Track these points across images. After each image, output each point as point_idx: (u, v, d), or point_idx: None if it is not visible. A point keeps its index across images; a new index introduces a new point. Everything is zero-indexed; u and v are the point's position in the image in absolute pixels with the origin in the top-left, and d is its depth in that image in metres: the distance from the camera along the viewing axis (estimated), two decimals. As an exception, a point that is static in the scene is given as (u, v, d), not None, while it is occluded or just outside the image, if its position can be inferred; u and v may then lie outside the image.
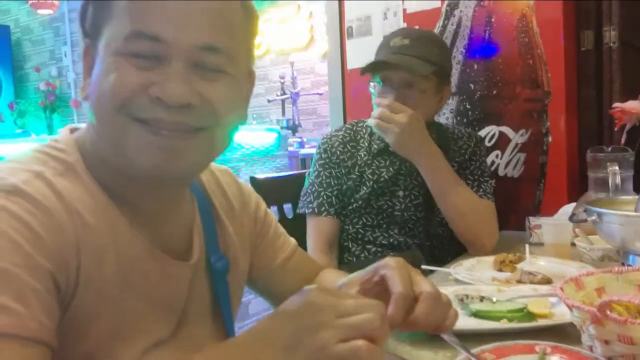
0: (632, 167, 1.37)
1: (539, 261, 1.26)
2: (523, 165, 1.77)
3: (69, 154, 0.70)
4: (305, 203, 1.54)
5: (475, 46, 1.81)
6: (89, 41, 0.70)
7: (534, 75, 1.72)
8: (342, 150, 1.54)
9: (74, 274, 0.64)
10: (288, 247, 1.02)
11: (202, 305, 0.84)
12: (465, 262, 1.30)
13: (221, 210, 0.89)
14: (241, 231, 0.92)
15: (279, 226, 1.03)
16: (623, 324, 0.67)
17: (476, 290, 1.04)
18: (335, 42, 2.13)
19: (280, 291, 1.00)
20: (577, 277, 0.86)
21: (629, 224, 0.98)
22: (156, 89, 0.66)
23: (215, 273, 0.85)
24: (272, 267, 0.99)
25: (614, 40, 1.69)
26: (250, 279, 0.98)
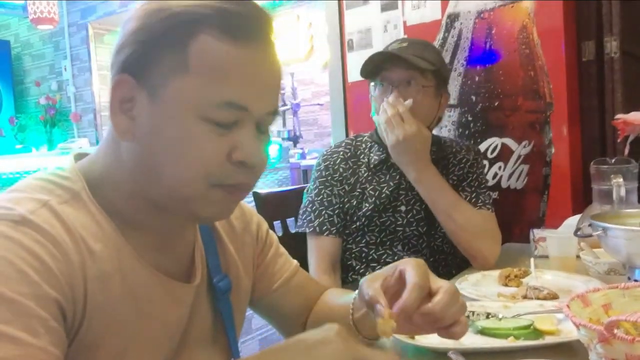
0: (636, 179, 1.36)
1: (544, 275, 1.25)
2: (526, 177, 1.77)
3: (73, 182, 0.70)
4: (306, 222, 1.50)
5: (476, 58, 1.81)
6: (128, 77, 0.67)
7: (536, 86, 1.71)
8: (345, 167, 1.52)
9: (81, 301, 0.64)
10: (289, 267, 1.00)
11: (205, 325, 0.83)
12: (471, 276, 1.29)
13: (222, 230, 0.89)
14: (243, 250, 0.92)
15: (280, 247, 1.02)
16: (631, 342, 0.66)
17: (482, 306, 1.03)
18: (336, 54, 2.13)
19: (282, 313, 1.00)
20: (584, 294, 0.84)
21: (634, 239, 0.97)
22: (239, 154, 0.68)
23: (218, 293, 0.84)
24: (273, 287, 0.97)
25: (615, 51, 1.69)
26: (252, 300, 0.97)
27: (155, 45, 0.66)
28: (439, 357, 0.85)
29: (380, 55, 1.47)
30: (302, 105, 4.80)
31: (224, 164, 0.68)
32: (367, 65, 1.47)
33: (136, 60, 0.67)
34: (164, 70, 0.66)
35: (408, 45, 1.47)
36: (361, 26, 2.05)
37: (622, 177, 1.29)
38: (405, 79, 1.44)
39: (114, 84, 0.68)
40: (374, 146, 1.54)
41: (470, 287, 1.20)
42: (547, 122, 1.71)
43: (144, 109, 0.67)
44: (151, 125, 0.67)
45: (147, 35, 0.66)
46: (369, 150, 1.55)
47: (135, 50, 0.67)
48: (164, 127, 0.67)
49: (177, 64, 0.65)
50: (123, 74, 0.67)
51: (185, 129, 0.66)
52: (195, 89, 0.66)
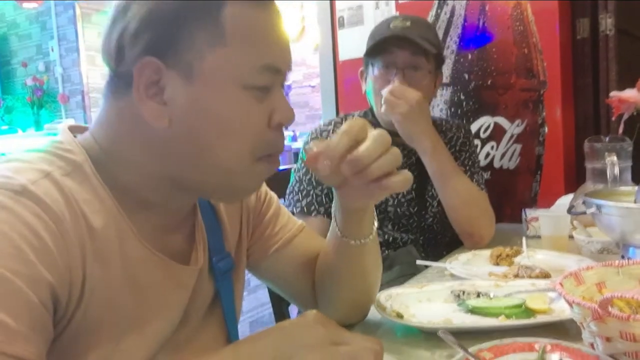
0: (630, 157, 1.34)
1: (536, 254, 1.23)
2: (519, 157, 1.74)
3: (76, 154, 0.67)
4: (293, 202, 1.47)
5: (469, 35, 1.78)
6: (153, 59, 0.64)
7: (529, 64, 1.68)
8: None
9: (79, 283, 0.62)
10: (292, 227, 0.96)
11: (205, 306, 0.81)
12: (461, 256, 1.27)
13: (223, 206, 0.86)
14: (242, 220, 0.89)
15: (281, 208, 0.97)
16: (626, 320, 0.65)
17: (473, 285, 1.01)
18: (327, 32, 2.09)
19: (285, 275, 0.95)
20: (577, 272, 0.83)
21: (629, 216, 0.96)
22: (278, 116, 0.69)
23: (219, 273, 0.82)
24: (273, 249, 0.93)
25: (610, 28, 1.66)
26: (250, 264, 0.93)
27: (182, 22, 0.64)
28: (429, 337, 0.83)
29: (385, 34, 1.41)
30: (293, 87, 4.75)
31: (266, 131, 0.69)
32: (376, 46, 1.42)
33: (161, 42, 0.64)
34: (197, 46, 0.64)
35: (411, 25, 1.42)
36: (352, 3, 2.01)
37: (616, 155, 1.27)
38: (412, 63, 1.41)
39: (138, 69, 0.64)
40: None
41: (460, 267, 1.18)
42: (540, 101, 1.68)
43: (178, 91, 0.65)
44: (191, 106, 0.65)
45: (170, 15, 0.64)
46: None
47: (159, 32, 0.64)
48: (208, 104, 0.65)
49: (212, 37, 0.64)
50: (146, 57, 0.64)
51: (233, 100, 0.66)
52: (235, 58, 0.65)
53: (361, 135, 0.71)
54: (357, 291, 0.92)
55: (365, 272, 0.91)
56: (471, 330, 0.84)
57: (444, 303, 0.96)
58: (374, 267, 0.92)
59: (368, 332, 0.90)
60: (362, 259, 0.89)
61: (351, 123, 0.72)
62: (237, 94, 0.66)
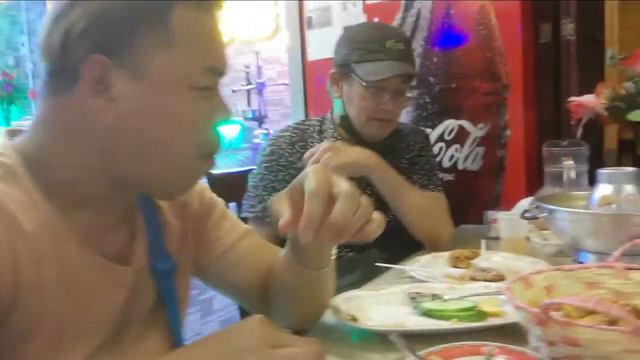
0: (586, 162, 1.38)
1: (494, 256, 1.25)
2: (482, 159, 1.77)
3: (7, 157, 0.67)
4: (248, 207, 1.47)
5: (434, 38, 1.80)
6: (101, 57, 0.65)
7: (493, 68, 1.71)
8: (291, 151, 1.48)
9: (11, 285, 0.61)
10: (237, 232, 0.96)
11: (146, 309, 0.81)
12: (422, 258, 1.29)
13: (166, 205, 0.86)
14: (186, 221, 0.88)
15: (226, 212, 0.97)
16: (567, 325, 0.66)
17: (429, 288, 1.02)
18: (295, 32, 2.09)
19: (233, 282, 0.96)
20: (527, 276, 0.84)
21: (580, 221, 0.98)
22: (220, 114, 0.73)
23: (160, 275, 0.81)
24: (218, 254, 0.93)
25: (571, 33, 1.69)
26: (198, 271, 0.93)
27: (131, 23, 0.66)
28: (382, 339, 0.84)
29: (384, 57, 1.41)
30: (267, 85, 4.72)
31: (208, 130, 0.72)
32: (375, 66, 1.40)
33: (110, 41, 0.66)
34: (146, 47, 0.66)
35: (405, 48, 1.45)
36: (320, 3, 2.01)
37: (572, 160, 1.30)
38: (402, 89, 1.46)
39: (85, 66, 0.65)
40: (326, 132, 1.52)
41: (420, 269, 1.19)
42: (503, 104, 1.71)
43: (125, 89, 0.67)
44: (138, 104, 0.67)
45: (119, 15, 0.65)
46: (319, 134, 1.53)
47: (108, 31, 0.66)
48: (155, 103, 0.68)
49: (160, 39, 0.67)
50: (94, 54, 0.65)
51: (179, 100, 0.68)
52: (182, 60, 0.68)
53: (329, 190, 0.72)
54: (312, 306, 0.94)
55: (321, 293, 0.93)
56: (423, 333, 0.85)
57: (400, 306, 0.98)
58: (331, 286, 0.94)
59: (323, 335, 0.91)
60: (320, 284, 0.90)
61: (316, 183, 0.71)
62: (183, 94, 0.69)
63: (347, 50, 1.46)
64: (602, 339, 0.64)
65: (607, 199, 0.97)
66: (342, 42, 1.50)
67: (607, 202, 0.97)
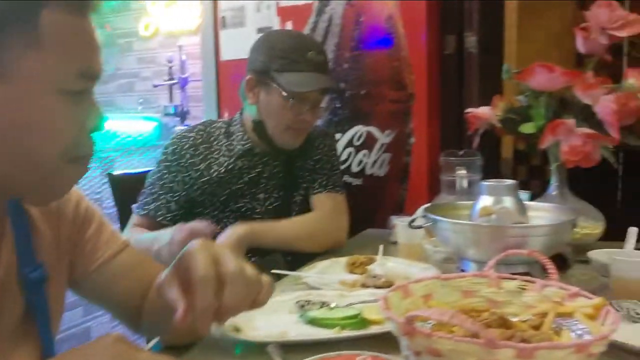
0: (480, 171, 1.44)
1: (389, 262, 1.28)
2: (388, 165, 1.82)
3: None
4: (141, 204, 1.45)
5: (345, 45, 1.82)
6: None
7: (400, 77, 1.76)
8: (193, 153, 1.47)
9: None
10: (114, 245, 0.93)
11: (15, 320, 0.77)
12: (320, 264, 1.30)
13: (37, 213, 0.82)
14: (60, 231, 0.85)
15: (105, 224, 0.94)
16: (429, 337, 0.69)
17: (319, 295, 1.03)
18: (209, 31, 2.06)
19: (109, 296, 0.93)
20: (405, 285, 0.86)
21: (461, 232, 1.02)
22: (92, 120, 0.70)
23: (29, 284, 0.78)
24: (94, 267, 0.90)
25: (474, 46, 1.76)
26: (73, 283, 0.90)
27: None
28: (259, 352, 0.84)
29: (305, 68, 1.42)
30: (190, 80, 4.63)
31: (78, 135, 0.69)
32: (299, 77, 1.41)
33: None
34: (14, 47, 0.64)
35: (324, 59, 1.47)
36: (234, 3, 2.00)
37: (466, 169, 1.35)
38: (319, 100, 1.48)
39: None
40: (235, 135, 1.51)
41: (315, 275, 1.20)
42: (408, 113, 1.76)
43: None
44: (4, 105, 0.65)
45: None
46: (226, 137, 1.51)
47: None
48: (21, 105, 0.65)
49: (29, 40, 0.64)
50: None
51: (46, 104, 0.66)
52: (51, 63, 0.66)
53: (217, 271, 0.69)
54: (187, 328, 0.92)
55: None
56: (302, 343, 0.86)
57: (288, 314, 0.98)
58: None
59: (209, 346, 0.90)
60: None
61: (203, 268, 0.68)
62: (51, 98, 0.67)
63: (266, 57, 1.45)
64: (461, 349, 0.66)
65: (487, 210, 1.02)
66: (260, 49, 1.48)
67: (487, 213, 1.02)
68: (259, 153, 1.51)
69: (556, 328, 0.79)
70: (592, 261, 1.13)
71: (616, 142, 1.28)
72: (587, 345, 0.64)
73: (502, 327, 0.78)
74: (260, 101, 1.47)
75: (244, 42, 1.93)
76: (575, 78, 1.32)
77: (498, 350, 0.64)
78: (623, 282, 0.99)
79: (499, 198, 1.03)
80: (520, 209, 1.02)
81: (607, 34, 1.38)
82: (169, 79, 4.63)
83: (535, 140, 1.34)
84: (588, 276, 1.17)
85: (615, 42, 1.42)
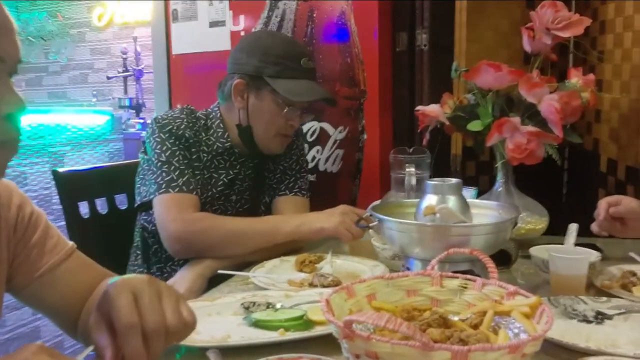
0: (429, 169, 1.45)
1: (338, 260, 1.29)
2: (341, 161, 1.82)
3: None
4: (164, 183, 1.34)
5: (298, 40, 1.81)
6: None
7: (352, 73, 1.76)
8: (190, 134, 1.41)
9: None
10: (62, 250, 0.91)
11: None
12: (269, 262, 1.29)
13: None
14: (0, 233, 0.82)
15: (51, 229, 0.92)
16: (367, 340, 0.69)
17: (264, 296, 1.03)
18: (160, 24, 2.01)
19: (51, 301, 0.91)
20: (349, 285, 0.87)
21: (406, 231, 1.03)
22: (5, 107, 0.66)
23: None
24: (38, 274, 0.88)
25: (425, 43, 1.77)
26: (14, 290, 0.87)
27: None
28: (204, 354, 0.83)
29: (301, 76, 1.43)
30: (145, 72, 4.53)
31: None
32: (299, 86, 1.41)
33: None
34: None
35: (314, 65, 1.48)
36: (186, -4, 1.96)
37: (414, 167, 1.36)
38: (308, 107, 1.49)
39: None
40: (213, 130, 1.47)
41: (263, 275, 1.19)
42: (360, 109, 1.77)
43: None
44: None
45: None
46: (204, 131, 1.47)
47: None
48: None
49: None
50: None
51: None
52: None
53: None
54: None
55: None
56: (243, 346, 0.85)
57: (232, 316, 0.97)
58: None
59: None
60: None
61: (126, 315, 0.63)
62: None
63: (259, 62, 1.41)
64: (398, 352, 0.67)
65: (431, 209, 1.03)
66: (251, 52, 1.43)
67: (432, 212, 1.03)
68: (237, 153, 1.48)
69: (495, 326, 0.80)
70: (533, 257, 1.15)
71: (559, 140, 1.31)
72: (519, 346, 0.65)
73: (442, 327, 0.79)
74: (250, 106, 1.44)
75: (196, 36, 1.90)
76: (521, 77, 1.34)
77: (434, 353, 0.64)
78: (560, 278, 1.02)
79: (443, 197, 1.04)
80: (464, 208, 1.04)
81: (551, 34, 1.40)
82: (123, 71, 4.52)
83: (483, 137, 1.36)
84: (533, 271, 1.20)
85: (560, 42, 1.46)
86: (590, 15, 1.67)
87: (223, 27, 1.89)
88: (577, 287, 1.01)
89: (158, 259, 1.48)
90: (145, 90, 4.58)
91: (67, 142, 2.72)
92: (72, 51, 5.02)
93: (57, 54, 4.97)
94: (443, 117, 1.46)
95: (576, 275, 1.01)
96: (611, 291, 1.02)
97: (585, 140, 1.81)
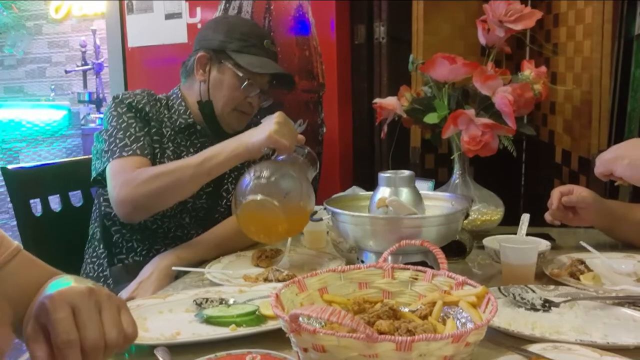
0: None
1: (295, 254, 1.28)
2: (301, 155, 1.81)
3: None
4: (120, 148, 1.33)
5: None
6: None
7: (310, 66, 1.75)
8: (149, 109, 1.42)
9: None
10: (6, 251, 0.87)
11: None
12: (226, 258, 1.27)
13: None
14: None
15: None
16: (314, 333, 0.69)
17: (218, 292, 1.01)
18: (115, 16, 1.97)
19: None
20: (300, 279, 0.86)
21: (360, 224, 1.03)
22: None
23: None
24: None
25: (383, 36, 1.77)
26: None
27: None
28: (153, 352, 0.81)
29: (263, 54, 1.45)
30: (105, 66, 4.43)
31: None
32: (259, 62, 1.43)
33: None
34: None
35: (275, 50, 1.50)
36: (140, -12, 1.91)
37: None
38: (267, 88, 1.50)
39: None
40: (175, 109, 1.48)
41: (218, 271, 1.18)
42: (319, 102, 1.76)
43: None
44: None
45: None
46: (166, 109, 1.47)
47: None
48: None
49: None
50: None
51: None
52: None
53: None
54: None
55: None
56: (193, 343, 0.84)
57: (184, 313, 0.95)
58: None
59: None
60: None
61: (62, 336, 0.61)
62: None
63: (225, 37, 1.45)
64: (343, 345, 0.67)
65: (384, 201, 1.03)
66: (217, 28, 1.47)
67: (384, 205, 1.03)
68: (200, 131, 1.49)
69: (444, 317, 0.81)
70: (486, 248, 1.17)
71: (513, 132, 1.32)
72: (462, 335, 0.66)
73: (392, 318, 0.79)
74: (212, 79, 1.46)
75: (152, 29, 1.86)
76: (475, 69, 1.35)
77: (378, 344, 0.65)
78: (510, 268, 1.03)
79: (396, 189, 1.04)
80: (416, 200, 1.04)
81: (504, 27, 1.42)
82: (82, 65, 4.42)
83: (440, 130, 1.37)
84: (488, 261, 1.21)
85: (516, 34, 1.47)
86: (545, 9, 1.69)
87: (179, 19, 1.86)
88: (527, 276, 1.02)
89: (120, 249, 1.45)
90: (105, 85, 4.48)
91: (22, 138, 2.64)
92: (29, 44, 4.88)
93: (13, 47, 4.82)
94: (400, 110, 1.47)
95: (525, 264, 1.02)
96: (560, 279, 1.04)
97: (541, 132, 1.84)
